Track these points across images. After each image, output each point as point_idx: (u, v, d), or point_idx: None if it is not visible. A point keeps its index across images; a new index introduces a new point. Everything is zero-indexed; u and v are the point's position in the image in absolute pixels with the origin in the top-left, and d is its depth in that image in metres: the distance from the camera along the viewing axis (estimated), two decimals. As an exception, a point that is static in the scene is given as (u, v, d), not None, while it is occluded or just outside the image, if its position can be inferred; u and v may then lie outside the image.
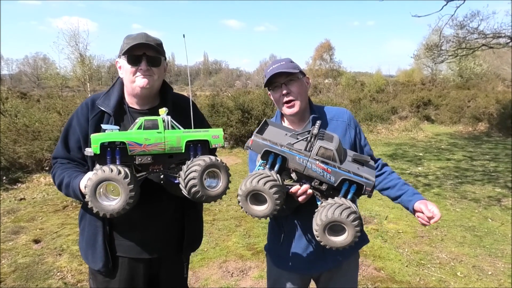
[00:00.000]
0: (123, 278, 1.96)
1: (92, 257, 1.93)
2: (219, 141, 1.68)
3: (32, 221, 5.65)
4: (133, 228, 1.92)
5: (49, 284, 3.87)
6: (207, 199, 1.60)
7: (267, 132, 1.71)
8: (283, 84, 1.92)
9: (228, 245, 4.83)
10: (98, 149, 1.51)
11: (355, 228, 1.53)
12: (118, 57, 1.92)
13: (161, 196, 1.88)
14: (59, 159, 1.95)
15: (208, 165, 1.57)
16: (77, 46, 20.58)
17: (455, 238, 5.07)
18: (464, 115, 17.21)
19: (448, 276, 4.06)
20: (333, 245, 1.59)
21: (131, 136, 1.54)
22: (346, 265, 2.08)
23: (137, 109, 1.95)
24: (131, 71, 1.84)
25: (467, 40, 12.62)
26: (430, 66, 36.60)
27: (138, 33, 1.89)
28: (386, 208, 6.18)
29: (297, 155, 1.59)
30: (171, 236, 2.03)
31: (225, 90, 29.24)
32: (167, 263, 2.05)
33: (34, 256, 4.45)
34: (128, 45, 1.81)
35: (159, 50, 1.87)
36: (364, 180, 1.54)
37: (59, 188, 1.87)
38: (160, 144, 1.57)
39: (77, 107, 1.98)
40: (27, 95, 19.12)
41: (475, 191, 7.24)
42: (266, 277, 2.29)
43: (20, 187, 7.47)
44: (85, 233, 1.97)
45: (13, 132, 8.39)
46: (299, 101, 1.93)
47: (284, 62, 1.95)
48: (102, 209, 1.50)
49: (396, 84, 33.28)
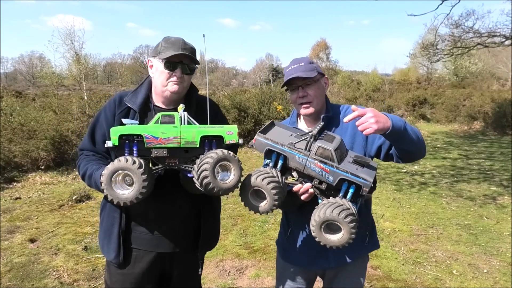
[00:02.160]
0: (136, 271, 2.01)
1: (107, 247, 2.00)
2: (234, 137, 1.71)
3: (27, 220, 5.63)
4: (148, 222, 1.98)
5: (45, 283, 3.85)
6: (219, 192, 1.63)
7: (272, 132, 1.78)
8: (300, 86, 1.95)
9: (224, 244, 4.83)
10: (117, 141, 1.59)
11: (350, 228, 1.55)
12: (152, 56, 1.99)
13: (178, 192, 1.93)
14: (85, 151, 2.03)
15: (220, 158, 1.61)
16: (72, 44, 20.45)
17: (451, 236, 5.10)
18: (460, 113, 17.26)
19: (444, 274, 4.08)
20: (329, 243, 1.62)
21: (148, 129, 1.61)
22: (351, 267, 2.08)
23: (163, 108, 2.02)
24: (165, 76, 1.91)
25: (463, 39, 12.65)
26: (426, 65, 36.69)
27: (176, 38, 1.95)
28: (382, 207, 6.21)
29: (297, 154, 1.65)
30: (186, 232, 2.06)
31: (221, 89, 29.25)
32: (181, 259, 2.08)
33: (29, 256, 4.43)
34: (167, 50, 1.89)
35: (194, 60, 1.95)
36: (361, 180, 1.56)
37: (82, 178, 1.95)
38: (176, 138, 1.63)
39: (105, 103, 2.07)
40: (22, 93, 19.05)
41: (471, 189, 7.28)
42: (262, 276, 2.30)
43: (16, 186, 7.43)
44: (103, 224, 2.05)
45: (8, 131, 8.33)
46: (315, 103, 1.96)
47: (303, 64, 1.96)
48: (116, 197, 1.57)
49: (392, 83, 33.44)
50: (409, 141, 1.77)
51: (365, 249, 2.09)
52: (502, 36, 11.83)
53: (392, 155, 1.91)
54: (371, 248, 2.13)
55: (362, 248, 2.06)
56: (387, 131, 1.66)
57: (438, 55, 13.64)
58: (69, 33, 19.42)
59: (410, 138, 1.76)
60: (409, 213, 6.01)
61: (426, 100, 20.29)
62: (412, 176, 8.32)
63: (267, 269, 4.15)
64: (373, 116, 1.62)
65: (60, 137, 8.47)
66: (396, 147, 1.84)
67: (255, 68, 61.54)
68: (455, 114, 17.59)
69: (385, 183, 7.73)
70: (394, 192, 7.12)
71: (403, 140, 1.76)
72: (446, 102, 19.09)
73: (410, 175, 8.41)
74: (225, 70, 75.26)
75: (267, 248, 4.69)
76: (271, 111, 12.65)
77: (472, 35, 12.30)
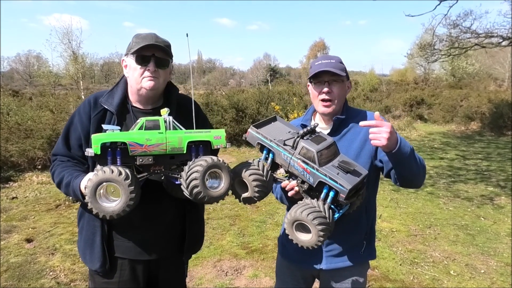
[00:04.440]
0: (122, 279, 1.94)
1: (90, 257, 1.91)
2: (221, 142, 1.66)
3: (24, 220, 5.60)
4: (132, 229, 1.90)
5: (41, 283, 3.84)
6: (209, 200, 1.58)
7: (269, 126, 1.80)
8: (327, 82, 1.93)
9: (222, 244, 4.82)
10: (99, 150, 1.49)
11: (318, 230, 1.54)
12: (125, 55, 1.91)
13: (162, 197, 1.86)
14: (59, 156, 1.93)
15: (210, 166, 1.55)
16: (70, 44, 20.40)
17: (448, 236, 5.11)
18: (457, 114, 17.30)
19: (441, 275, 4.08)
20: (299, 242, 1.64)
21: (132, 136, 1.53)
22: (348, 273, 2.05)
23: (141, 108, 1.94)
24: (139, 72, 1.83)
25: (460, 39, 12.68)
26: (423, 65, 36.86)
27: (147, 33, 1.88)
28: (380, 207, 6.21)
29: (282, 152, 1.67)
30: (171, 237, 2.01)
31: (219, 89, 29.22)
32: (166, 264, 2.03)
33: (26, 256, 4.41)
34: (138, 45, 1.80)
35: (168, 52, 1.87)
36: (337, 185, 1.56)
37: (58, 186, 1.85)
38: (162, 145, 1.55)
39: (79, 105, 1.96)
40: (19, 93, 18.98)
41: (468, 190, 7.30)
42: (260, 276, 2.30)
43: (12, 185, 7.40)
44: (83, 233, 1.95)
45: (5, 130, 8.31)
46: (336, 103, 1.95)
47: (334, 61, 1.95)
48: (102, 210, 1.48)
49: (390, 83, 33.47)
50: (409, 168, 1.78)
51: (360, 258, 2.04)
52: (499, 36, 11.86)
53: (391, 175, 1.91)
54: (367, 257, 2.09)
55: (357, 256, 2.02)
56: (392, 150, 1.68)
57: (435, 56, 13.67)
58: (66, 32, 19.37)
59: (411, 166, 1.78)
60: (407, 213, 6.01)
61: (424, 100, 20.33)
62: (409, 176, 8.31)
63: (264, 269, 4.14)
64: (388, 131, 1.64)
65: (57, 136, 8.42)
66: (396, 169, 1.84)
67: (252, 68, 61.61)
68: (452, 114, 17.63)
69: (382, 183, 7.74)
70: (392, 192, 7.13)
71: (404, 166, 1.78)
72: (443, 102, 19.13)
73: (408, 175, 8.41)
74: (222, 69, 75.26)
75: (265, 248, 4.69)
76: (269, 111, 12.66)
77: (469, 36, 12.33)
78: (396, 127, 15.75)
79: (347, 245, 2.00)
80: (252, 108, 12.59)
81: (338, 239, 1.98)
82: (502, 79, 31.92)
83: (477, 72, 32.82)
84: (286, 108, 12.51)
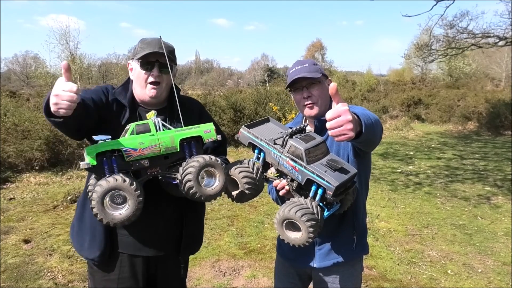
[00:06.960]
0: (122, 276, 1.96)
1: (90, 244, 1.92)
2: (212, 135, 1.70)
3: (22, 221, 5.59)
4: (132, 225, 1.88)
5: (39, 284, 3.83)
6: (205, 198, 1.62)
7: (262, 127, 1.83)
8: (304, 87, 1.94)
9: (220, 244, 4.83)
10: (95, 160, 1.51)
11: (307, 227, 1.56)
12: (130, 59, 1.97)
13: (161, 196, 1.89)
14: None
15: (204, 165, 1.59)
16: (67, 44, 20.38)
17: (445, 236, 5.13)
18: (454, 114, 17.34)
19: (438, 274, 4.10)
20: (289, 241, 1.65)
21: (126, 142, 1.56)
22: (340, 271, 2.05)
23: (146, 108, 1.98)
24: (143, 77, 1.90)
25: (457, 39, 12.73)
26: (420, 65, 36.92)
27: (153, 38, 1.93)
28: (378, 207, 6.23)
29: (272, 150, 1.70)
30: (170, 236, 2.03)
31: (217, 89, 29.23)
32: (165, 262, 2.06)
33: (24, 256, 4.40)
34: (143, 51, 1.86)
35: (171, 58, 1.92)
36: (324, 182, 1.56)
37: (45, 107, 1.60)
38: (155, 146, 1.59)
39: (101, 86, 2.00)
40: (16, 93, 18.90)
41: (465, 189, 7.32)
42: (258, 276, 2.31)
43: (10, 186, 7.38)
44: (86, 220, 1.95)
45: (2, 131, 8.29)
46: (320, 104, 1.96)
47: (307, 65, 1.96)
48: (111, 219, 1.52)
49: (387, 83, 33.58)
50: (373, 134, 1.66)
51: (353, 254, 2.04)
52: (495, 37, 11.91)
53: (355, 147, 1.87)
54: (359, 253, 2.09)
55: (349, 252, 2.03)
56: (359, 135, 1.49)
57: (432, 56, 13.72)
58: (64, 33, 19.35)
59: (375, 132, 1.66)
60: (404, 213, 6.03)
61: (421, 100, 20.39)
62: (407, 176, 8.35)
63: (262, 270, 4.15)
64: (349, 119, 1.38)
65: (54, 137, 8.42)
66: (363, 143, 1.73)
67: (250, 68, 61.64)
68: (449, 114, 17.67)
69: (380, 183, 7.76)
70: (389, 192, 7.15)
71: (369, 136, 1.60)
72: (440, 102, 19.18)
73: (405, 175, 8.44)
74: (220, 70, 75.24)
75: (263, 248, 4.70)
76: (267, 111, 12.66)
77: (466, 36, 12.39)
78: (394, 127, 15.79)
79: (338, 242, 2.01)
80: (250, 108, 12.60)
81: (329, 237, 1.99)
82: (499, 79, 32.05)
83: (474, 72, 32.95)
84: (284, 109, 12.51)
